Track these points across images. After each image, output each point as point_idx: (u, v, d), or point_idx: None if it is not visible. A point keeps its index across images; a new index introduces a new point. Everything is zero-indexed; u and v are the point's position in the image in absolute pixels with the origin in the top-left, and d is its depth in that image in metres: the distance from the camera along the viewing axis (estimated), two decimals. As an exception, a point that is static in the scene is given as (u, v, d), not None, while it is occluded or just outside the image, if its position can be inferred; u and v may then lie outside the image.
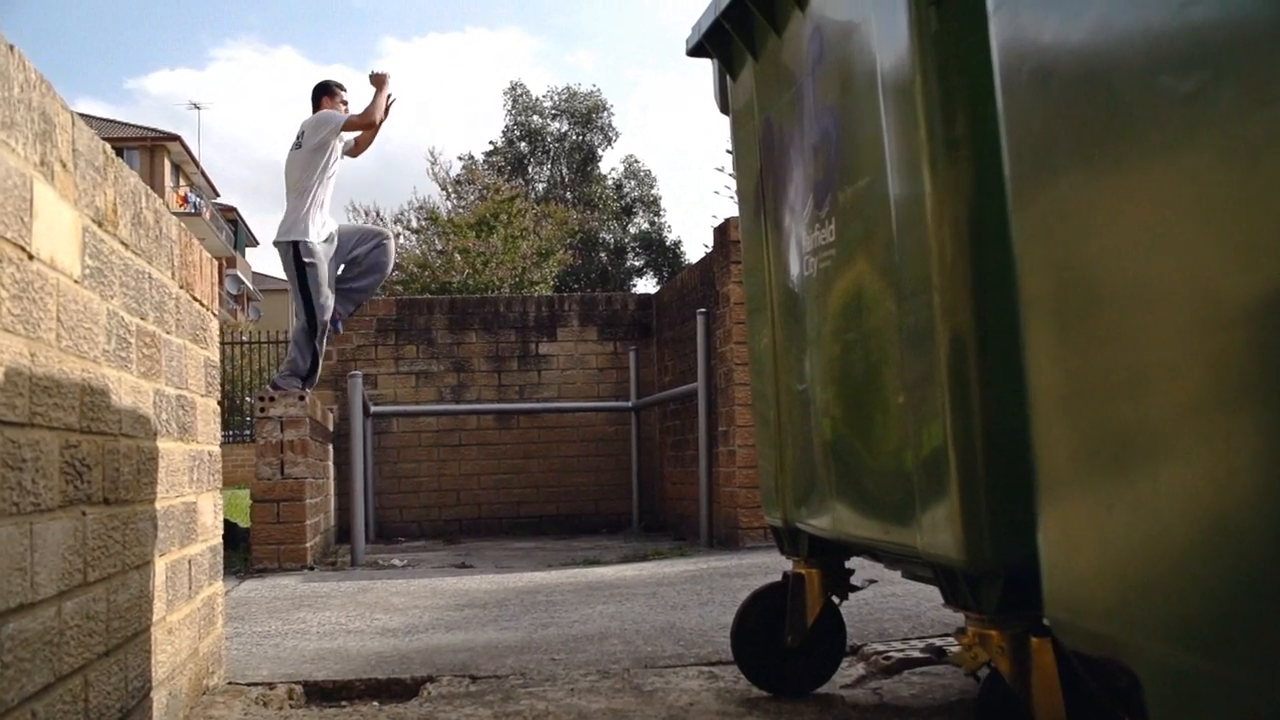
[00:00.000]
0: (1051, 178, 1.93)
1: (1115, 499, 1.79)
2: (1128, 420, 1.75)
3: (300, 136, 9.36)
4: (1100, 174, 1.80)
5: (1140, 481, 1.73)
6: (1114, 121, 1.75)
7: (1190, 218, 1.59)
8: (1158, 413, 1.68)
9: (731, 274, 8.86)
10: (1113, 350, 1.78)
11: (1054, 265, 1.96)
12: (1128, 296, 1.74)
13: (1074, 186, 1.87)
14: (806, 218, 3.24)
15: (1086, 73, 1.82)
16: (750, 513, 8.65)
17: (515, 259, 33.48)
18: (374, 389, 11.98)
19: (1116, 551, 1.79)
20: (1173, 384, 1.64)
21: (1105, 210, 1.80)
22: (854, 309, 2.98)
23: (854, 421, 3.05)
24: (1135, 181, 1.72)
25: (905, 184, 2.63)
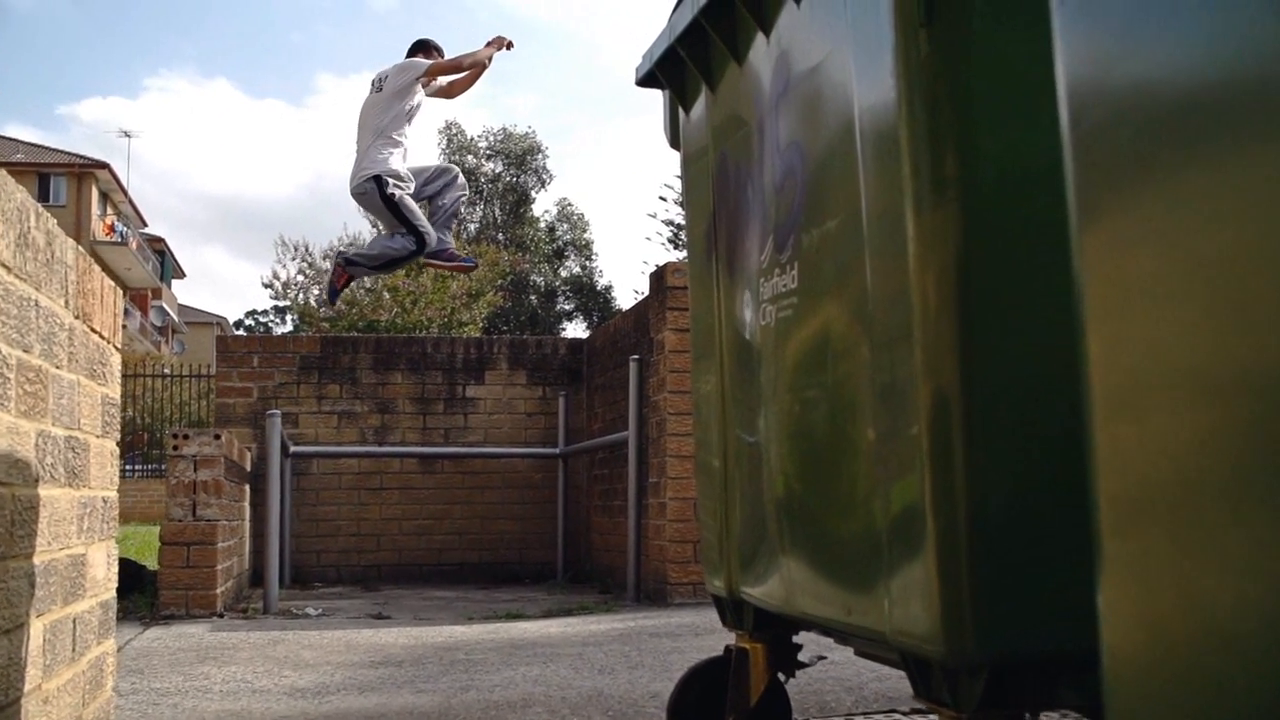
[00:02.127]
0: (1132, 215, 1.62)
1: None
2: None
3: (381, 80, 9.13)
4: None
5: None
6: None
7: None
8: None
9: (667, 320, 8.61)
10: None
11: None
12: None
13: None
14: (765, 262, 2.98)
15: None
16: (680, 568, 8.37)
17: (444, 299, 33.14)
18: (295, 428, 11.62)
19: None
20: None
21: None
22: (818, 362, 2.72)
23: (814, 484, 2.78)
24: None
25: (883, 228, 2.38)
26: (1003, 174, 2.23)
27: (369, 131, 9.04)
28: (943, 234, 2.23)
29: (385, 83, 9.10)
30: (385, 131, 8.92)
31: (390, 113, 8.97)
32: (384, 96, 9.06)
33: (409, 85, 8.99)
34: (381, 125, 8.94)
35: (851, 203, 2.49)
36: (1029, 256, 2.23)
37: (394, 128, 8.95)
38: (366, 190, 8.76)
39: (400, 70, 9.10)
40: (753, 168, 3.08)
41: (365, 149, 8.97)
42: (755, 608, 3.22)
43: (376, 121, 9.00)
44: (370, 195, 8.75)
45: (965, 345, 2.22)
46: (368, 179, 8.75)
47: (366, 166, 8.83)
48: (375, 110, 9.08)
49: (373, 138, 8.97)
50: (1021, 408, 2.24)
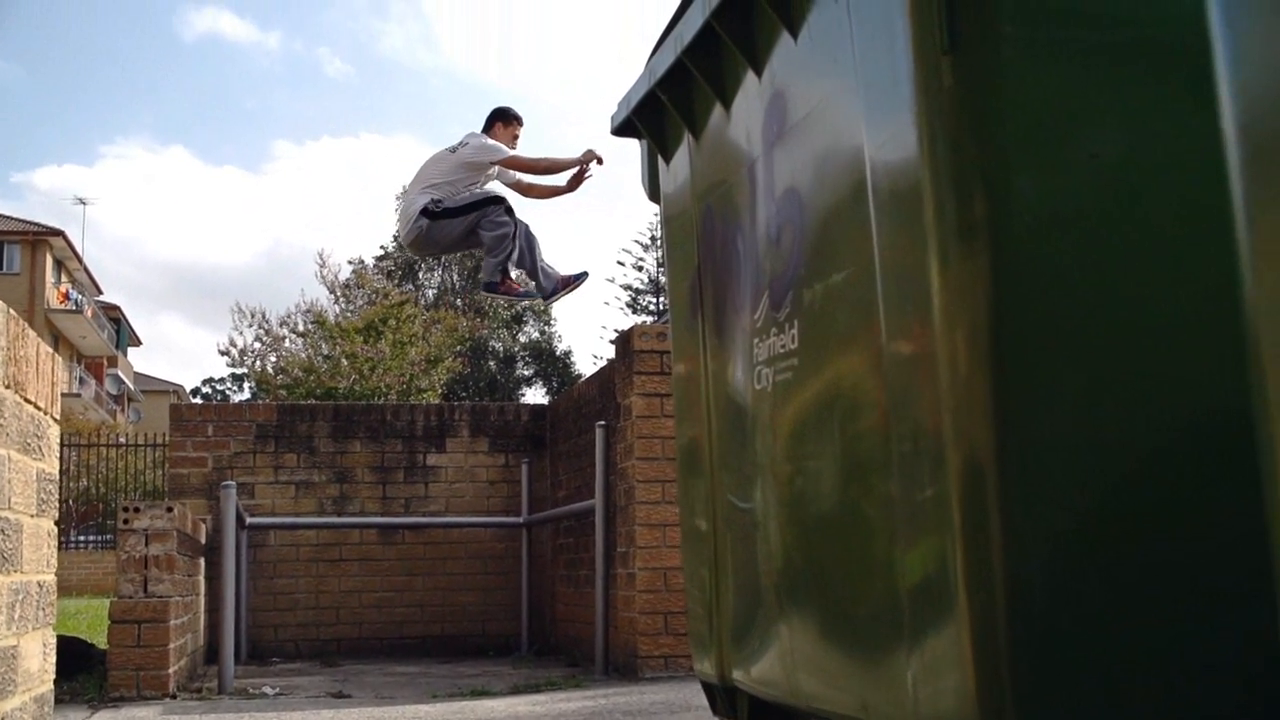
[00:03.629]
0: None
1: None
2: None
3: (460, 146, 8.98)
4: None
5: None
6: None
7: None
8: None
9: (635, 385, 8.37)
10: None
11: None
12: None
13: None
14: (759, 321, 2.75)
15: None
16: (651, 640, 8.10)
17: (403, 365, 32.92)
18: (251, 499, 11.31)
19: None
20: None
21: None
22: (823, 428, 2.49)
23: (820, 557, 2.55)
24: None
25: (902, 280, 2.15)
26: (1037, 217, 2.02)
27: (419, 182, 8.95)
28: (972, 286, 2.02)
29: (462, 150, 8.95)
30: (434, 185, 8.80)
31: (450, 178, 8.83)
32: (454, 161, 8.92)
33: (484, 166, 8.91)
34: (433, 182, 8.83)
35: (862, 253, 2.27)
36: (1066, 307, 2.02)
37: (444, 190, 8.82)
38: (421, 227, 8.67)
39: (483, 149, 8.95)
40: (743, 219, 2.86)
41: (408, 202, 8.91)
42: (750, 695, 2.97)
43: (432, 178, 8.88)
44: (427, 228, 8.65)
45: (1000, 408, 2.00)
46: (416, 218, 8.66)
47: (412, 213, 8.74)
48: (437, 168, 8.95)
49: (419, 188, 8.87)
50: (1061, 471, 2.02)
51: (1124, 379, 2.00)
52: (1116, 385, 2.00)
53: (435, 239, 8.80)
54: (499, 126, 9.13)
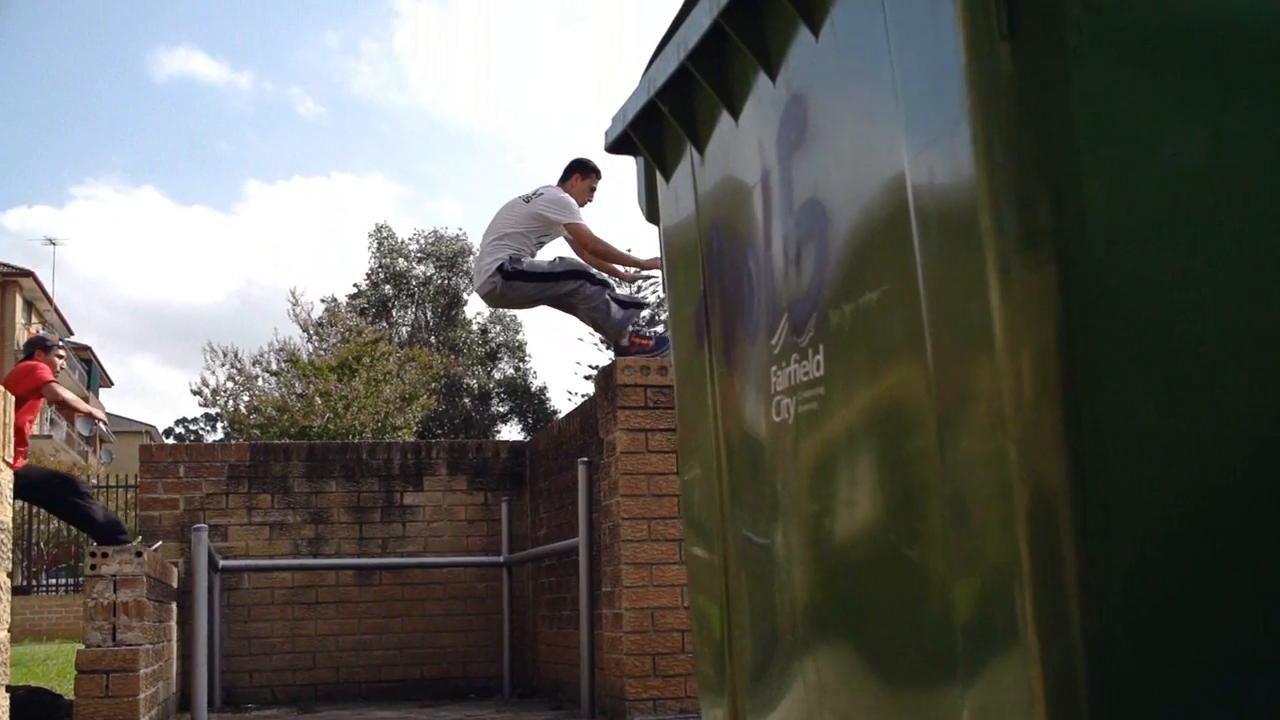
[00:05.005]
0: None
1: None
2: None
3: (535, 196, 9.01)
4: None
5: None
6: None
7: None
8: None
9: (618, 420, 8.14)
10: None
11: None
12: None
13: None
14: (776, 347, 2.53)
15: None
16: (639, 683, 7.85)
17: (378, 403, 32.73)
18: (224, 541, 11.04)
19: None
20: None
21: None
22: (857, 462, 2.26)
23: (856, 601, 2.31)
24: None
25: (952, 297, 1.93)
26: (1111, 224, 1.79)
27: (492, 232, 8.99)
28: (1039, 303, 1.79)
29: (536, 200, 8.95)
30: (509, 237, 8.83)
31: (521, 228, 8.87)
32: (526, 211, 8.92)
33: (554, 225, 8.92)
34: (506, 232, 8.86)
35: (901, 268, 2.05)
36: (1145, 325, 1.80)
37: (518, 241, 8.86)
38: (495, 284, 8.66)
39: (556, 205, 8.98)
40: (755, 237, 2.64)
41: (484, 253, 8.98)
42: (769, 752, 2.73)
43: (504, 228, 8.91)
44: (501, 286, 8.63)
45: (1072, 438, 1.77)
46: (492, 274, 8.68)
47: (487, 267, 8.77)
48: (510, 217, 8.97)
49: (495, 238, 8.89)
50: (1140, 505, 1.80)
51: (1210, 403, 1.79)
52: (1202, 410, 1.79)
53: (509, 297, 8.89)
54: (576, 178, 9.18)
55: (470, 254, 58.73)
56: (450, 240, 59.09)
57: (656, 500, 8.09)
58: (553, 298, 8.88)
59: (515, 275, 8.67)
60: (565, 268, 8.84)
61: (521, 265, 8.70)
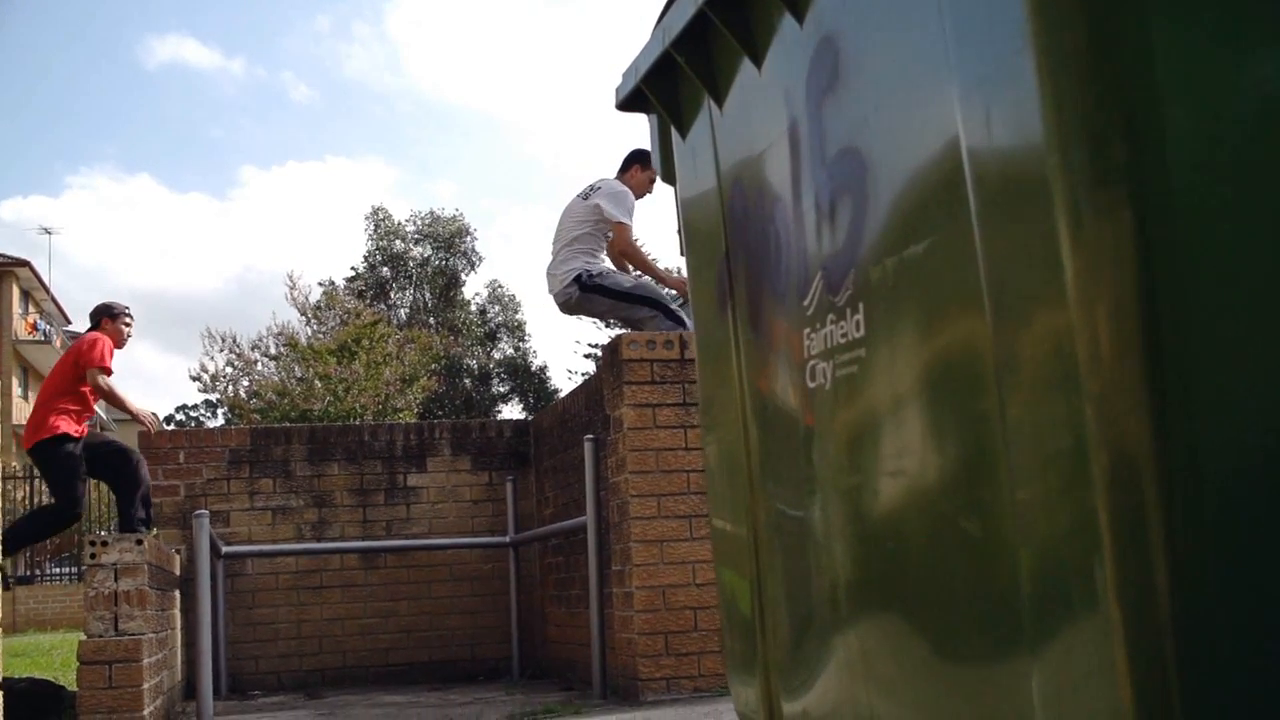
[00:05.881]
0: None
1: None
2: None
3: (593, 191, 9.03)
4: None
5: None
6: None
7: None
8: None
9: (625, 396, 7.99)
10: None
11: None
12: None
13: None
14: (810, 308, 2.36)
15: None
16: (652, 662, 7.71)
17: (378, 386, 32.66)
18: (226, 527, 10.90)
19: None
20: None
21: None
22: (905, 427, 2.08)
23: (907, 574, 2.14)
24: None
25: (1012, 246, 1.75)
26: (1195, 159, 1.62)
27: (561, 239, 8.99)
28: (1115, 250, 1.62)
29: (594, 195, 8.95)
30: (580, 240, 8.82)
31: (586, 227, 8.87)
32: (585, 208, 8.94)
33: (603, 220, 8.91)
34: (575, 235, 8.85)
35: (951, 217, 1.88)
36: (1235, 270, 1.63)
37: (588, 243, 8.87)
38: (571, 294, 8.63)
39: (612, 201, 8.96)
40: (783, 192, 2.47)
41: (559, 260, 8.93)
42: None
43: (572, 230, 8.89)
44: (577, 297, 8.62)
45: (1157, 396, 1.61)
46: (569, 283, 8.66)
47: (564, 275, 8.73)
48: (571, 218, 8.99)
49: (566, 243, 8.88)
50: (1234, 467, 1.64)
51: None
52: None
53: (584, 307, 8.92)
54: (636, 169, 9.19)
55: (467, 234, 58.58)
56: (447, 221, 58.87)
57: (665, 476, 7.95)
58: (625, 319, 8.91)
59: (593, 289, 8.67)
60: (643, 294, 8.84)
61: (602, 280, 8.71)
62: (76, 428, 9.18)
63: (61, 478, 9.22)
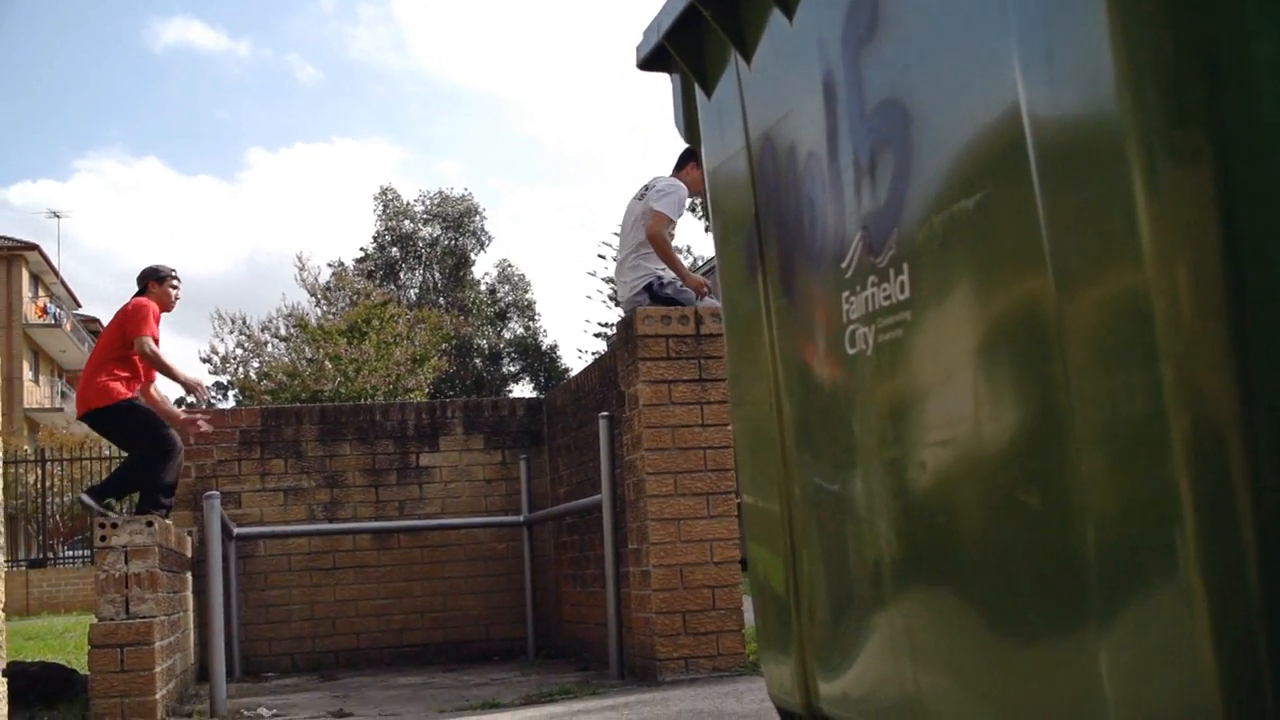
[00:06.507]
0: None
1: None
2: None
3: (647, 190, 9.01)
4: None
5: None
6: None
7: None
8: None
9: (640, 372, 7.87)
10: None
11: None
12: None
13: None
14: (849, 270, 2.23)
15: None
16: (669, 641, 7.61)
17: (389, 366, 32.61)
18: (238, 508, 10.80)
19: None
20: None
21: None
22: (956, 393, 1.96)
23: (958, 548, 2.02)
24: None
25: (1079, 196, 1.62)
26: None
27: (627, 244, 9.03)
28: (1195, 202, 1.49)
29: (648, 195, 8.93)
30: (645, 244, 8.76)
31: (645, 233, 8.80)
32: (641, 209, 8.92)
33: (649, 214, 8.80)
34: (641, 239, 8.81)
35: (1007, 168, 1.75)
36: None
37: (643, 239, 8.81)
38: (641, 302, 8.55)
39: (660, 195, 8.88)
40: (817, 149, 2.35)
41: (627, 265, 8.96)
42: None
43: (637, 234, 8.87)
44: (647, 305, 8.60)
45: (1241, 358, 1.49)
46: (638, 291, 8.65)
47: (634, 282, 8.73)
48: (630, 219, 9.04)
49: (632, 249, 8.88)
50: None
51: None
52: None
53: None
54: (691, 166, 9.25)
55: (476, 213, 58.47)
56: (456, 200, 58.75)
57: (682, 454, 7.84)
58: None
59: (663, 299, 8.58)
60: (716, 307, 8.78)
61: (671, 291, 8.64)
62: (128, 392, 8.96)
63: (135, 429, 8.96)
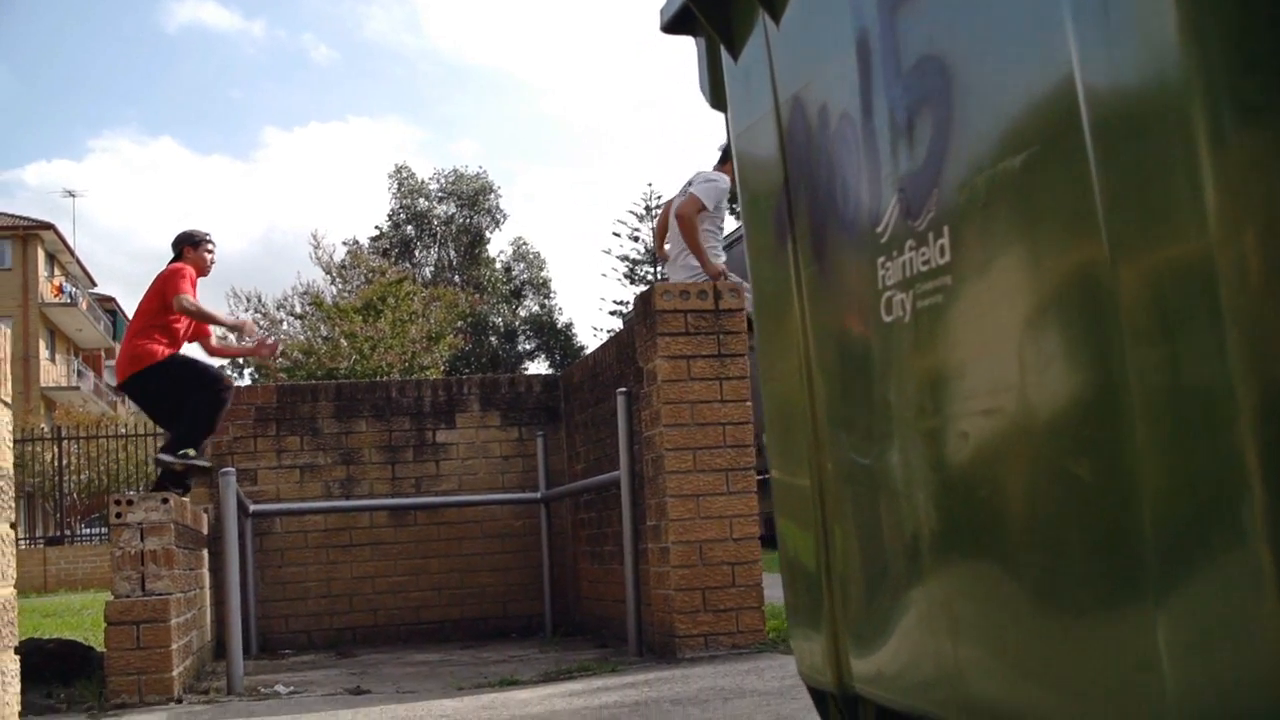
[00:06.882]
0: None
1: None
2: None
3: (686, 187, 9.11)
4: None
5: None
6: None
7: None
8: None
9: (659, 347, 7.79)
10: None
11: None
12: None
13: None
14: (884, 234, 2.15)
15: None
16: (689, 618, 7.55)
17: (404, 343, 32.58)
18: (254, 485, 10.77)
19: None
20: None
21: None
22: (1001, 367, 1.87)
23: (1004, 535, 1.95)
24: None
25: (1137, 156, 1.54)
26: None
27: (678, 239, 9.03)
28: (1268, 157, 1.41)
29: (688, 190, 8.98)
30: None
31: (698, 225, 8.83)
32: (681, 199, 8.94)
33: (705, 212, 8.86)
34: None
35: (1056, 125, 1.67)
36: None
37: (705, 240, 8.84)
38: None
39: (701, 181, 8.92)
40: (850, 110, 2.26)
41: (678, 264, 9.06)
42: (879, 706, 2.38)
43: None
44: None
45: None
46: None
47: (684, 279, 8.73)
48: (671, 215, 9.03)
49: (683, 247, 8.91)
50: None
51: None
52: None
53: None
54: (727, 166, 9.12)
55: (491, 191, 58.36)
56: (470, 179, 58.67)
57: (701, 429, 7.77)
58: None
59: None
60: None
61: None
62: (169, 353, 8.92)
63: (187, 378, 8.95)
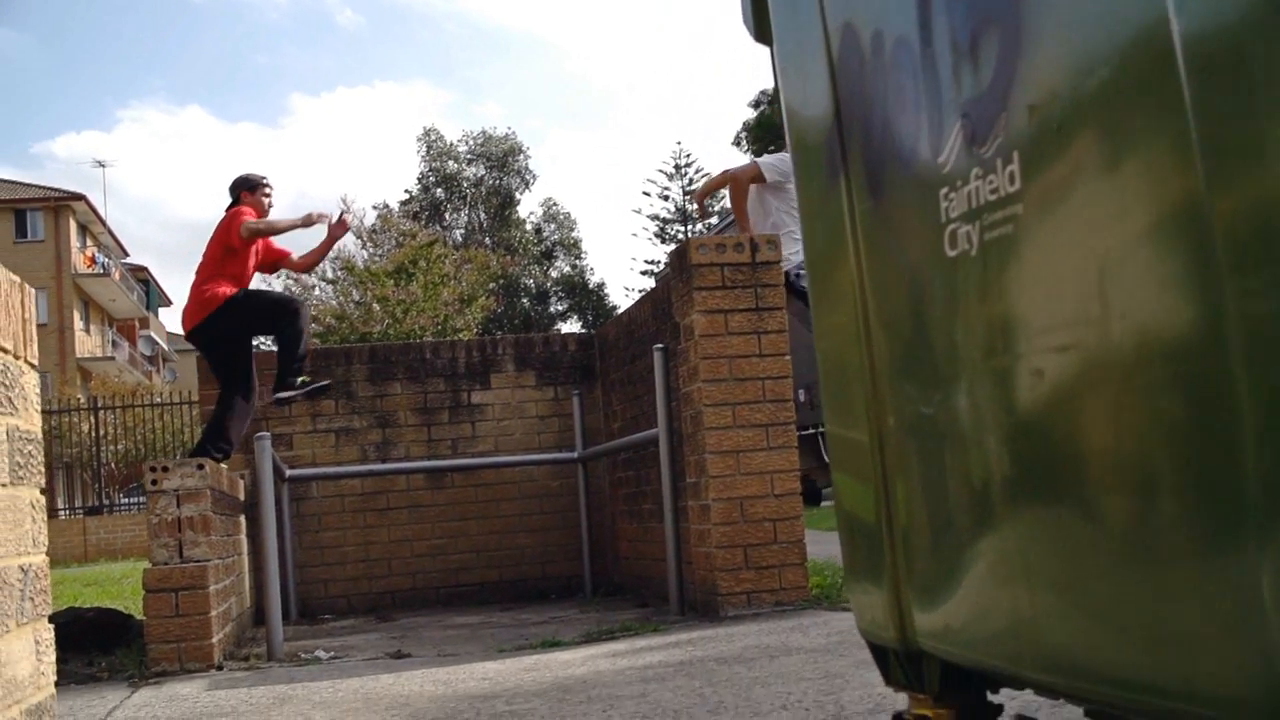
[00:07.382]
0: None
1: None
2: None
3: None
4: None
5: None
6: None
7: None
8: None
9: (695, 302, 7.66)
10: None
11: None
12: None
13: None
14: (947, 164, 2.01)
15: None
16: (731, 576, 7.45)
17: (436, 306, 32.54)
18: (290, 450, 10.71)
19: None
20: None
21: None
22: (1080, 299, 1.74)
23: (1085, 480, 1.82)
24: None
25: (1243, 69, 1.40)
26: None
27: (758, 208, 8.94)
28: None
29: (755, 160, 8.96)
30: (775, 228, 8.56)
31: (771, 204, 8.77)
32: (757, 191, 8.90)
33: (781, 192, 8.75)
34: (773, 221, 8.70)
35: (1142, 37, 1.54)
36: None
37: (786, 225, 8.66)
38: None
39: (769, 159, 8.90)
40: (908, 33, 2.12)
41: None
42: (943, 662, 2.26)
43: (755, 213, 8.86)
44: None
45: None
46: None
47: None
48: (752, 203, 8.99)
49: (760, 215, 8.82)
50: None
51: None
52: None
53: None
54: None
55: (520, 152, 58.20)
56: (499, 140, 58.49)
57: (739, 384, 7.65)
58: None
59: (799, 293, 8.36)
60: None
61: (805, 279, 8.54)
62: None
63: (258, 310, 9.01)
